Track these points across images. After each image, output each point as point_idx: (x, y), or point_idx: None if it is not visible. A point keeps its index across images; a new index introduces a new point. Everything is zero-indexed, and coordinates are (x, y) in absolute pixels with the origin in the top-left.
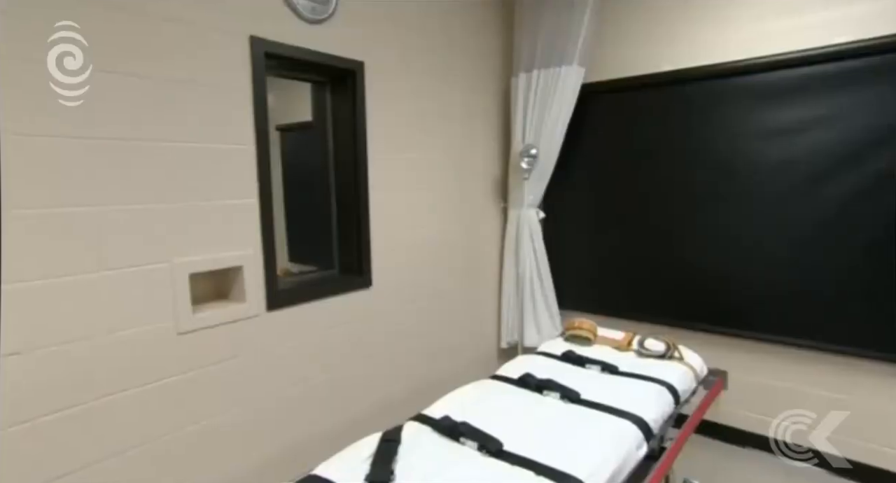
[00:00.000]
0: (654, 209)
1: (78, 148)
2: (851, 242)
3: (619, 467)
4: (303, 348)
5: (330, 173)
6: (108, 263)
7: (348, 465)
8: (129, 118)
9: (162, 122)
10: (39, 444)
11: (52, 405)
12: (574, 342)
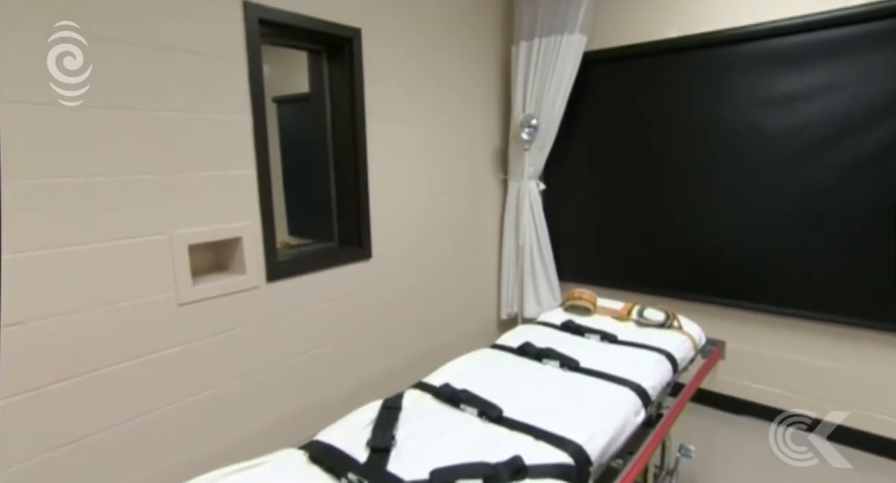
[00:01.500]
0: (654, 180)
1: (71, 115)
2: (853, 212)
3: (617, 433)
4: (303, 319)
5: (328, 145)
6: (106, 234)
7: (350, 431)
8: (122, 86)
9: (155, 91)
10: (47, 411)
11: (58, 374)
12: (574, 312)
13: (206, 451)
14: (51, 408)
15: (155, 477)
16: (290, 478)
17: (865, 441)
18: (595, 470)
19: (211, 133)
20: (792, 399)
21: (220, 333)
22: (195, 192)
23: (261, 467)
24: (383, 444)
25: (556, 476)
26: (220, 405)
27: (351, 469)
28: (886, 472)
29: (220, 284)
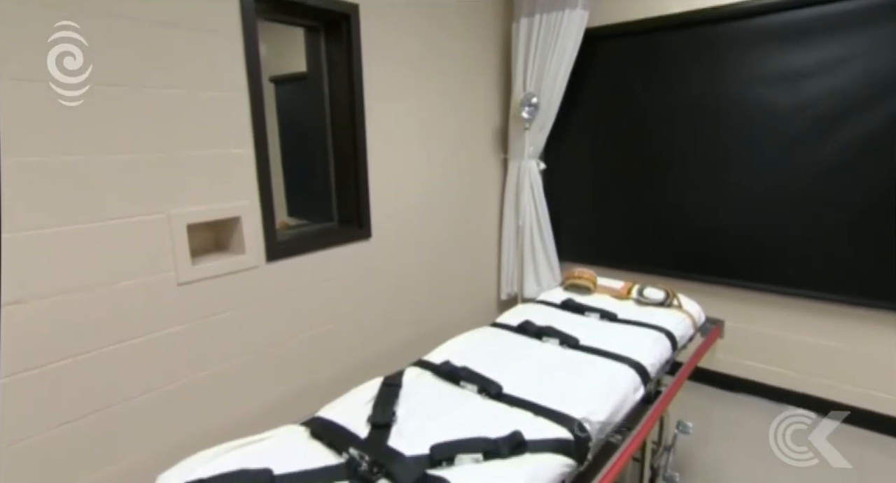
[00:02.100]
0: (656, 159)
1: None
2: (856, 190)
3: (616, 409)
4: (304, 299)
5: (326, 124)
6: (104, 214)
7: (351, 408)
8: (118, 61)
9: (150, 67)
10: (50, 389)
11: (60, 353)
12: (574, 291)
13: (209, 429)
14: (54, 386)
15: (158, 454)
16: (292, 452)
17: (863, 418)
18: (594, 445)
19: (207, 111)
20: (790, 377)
21: (220, 313)
22: (193, 171)
23: (263, 443)
24: (384, 420)
25: (556, 450)
26: (222, 384)
27: (352, 444)
28: (884, 449)
29: (220, 264)
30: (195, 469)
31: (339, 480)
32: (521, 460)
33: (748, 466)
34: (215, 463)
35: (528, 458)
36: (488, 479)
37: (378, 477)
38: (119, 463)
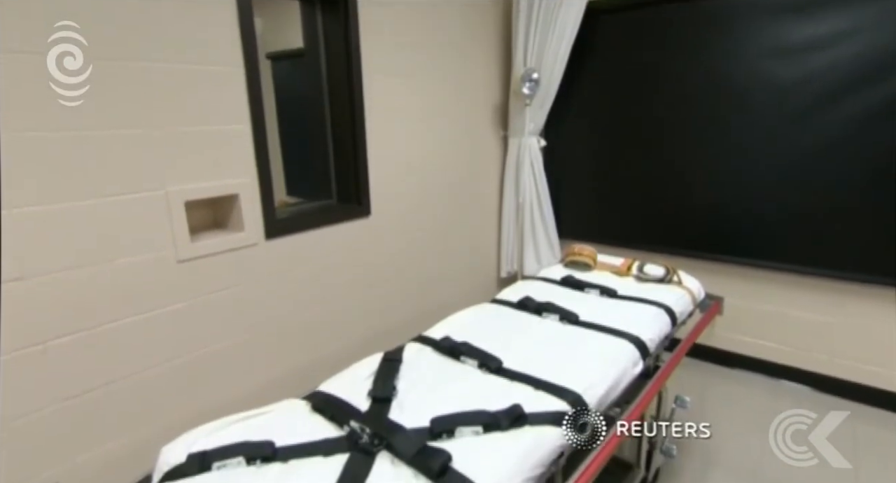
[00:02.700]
0: (657, 136)
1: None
2: (857, 166)
3: (616, 382)
4: (303, 276)
5: (324, 100)
6: (101, 190)
7: (352, 382)
8: (111, 35)
9: (144, 40)
10: (54, 365)
11: (62, 329)
12: (574, 268)
13: (212, 404)
14: (57, 362)
15: (162, 430)
16: (294, 426)
17: (857, 392)
18: None
19: (203, 86)
20: (786, 353)
21: (221, 290)
22: (190, 147)
23: (265, 416)
24: (384, 394)
25: (556, 423)
26: (225, 360)
27: (353, 417)
28: (876, 421)
29: (219, 241)
30: (198, 441)
31: (341, 452)
32: (521, 432)
33: (744, 440)
34: (218, 435)
35: (528, 431)
36: (488, 451)
37: (379, 449)
38: (124, 438)
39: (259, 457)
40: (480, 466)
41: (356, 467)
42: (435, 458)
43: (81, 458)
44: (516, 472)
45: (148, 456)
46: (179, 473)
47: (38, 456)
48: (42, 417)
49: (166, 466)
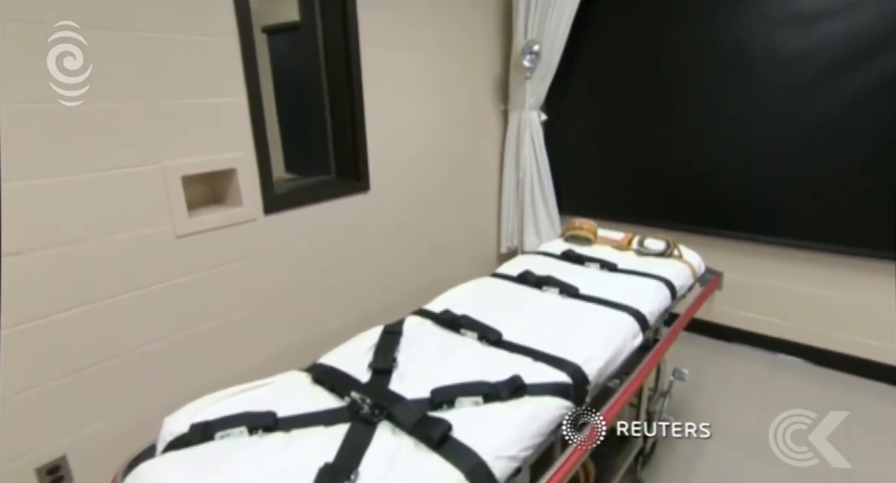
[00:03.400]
0: (658, 109)
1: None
2: (861, 140)
3: (615, 354)
4: (303, 251)
5: (321, 74)
6: (97, 164)
7: (352, 355)
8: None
9: (133, 7)
10: (56, 339)
11: (63, 304)
12: (574, 243)
13: (214, 378)
14: (59, 336)
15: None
16: (295, 397)
17: (855, 365)
18: (592, 389)
19: (197, 57)
20: (785, 327)
21: (220, 265)
22: (185, 121)
23: (266, 387)
24: (385, 366)
25: (555, 394)
26: (227, 334)
27: (353, 388)
28: (874, 394)
29: (217, 216)
30: (201, 411)
31: (342, 422)
32: (521, 403)
33: (740, 412)
34: (220, 406)
35: (528, 401)
36: (488, 420)
37: (380, 419)
38: (128, 411)
39: (261, 426)
40: (480, 435)
41: (357, 436)
42: (435, 427)
43: (88, 430)
44: (516, 441)
45: (152, 428)
46: (183, 442)
47: (46, 427)
48: (48, 390)
49: (169, 436)
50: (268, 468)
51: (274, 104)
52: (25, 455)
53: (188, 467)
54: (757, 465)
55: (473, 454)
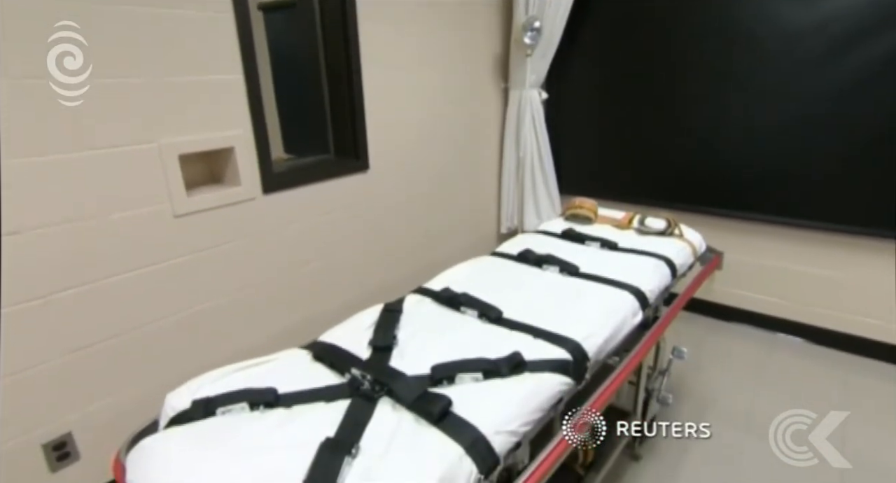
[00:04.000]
0: (661, 87)
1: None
2: (867, 117)
3: (615, 332)
4: (303, 231)
5: (319, 52)
6: (92, 142)
7: (352, 332)
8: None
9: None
10: (56, 319)
11: (62, 284)
12: (574, 221)
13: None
14: (60, 315)
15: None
16: (296, 373)
17: (854, 344)
18: (592, 366)
19: (190, 32)
20: (784, 306)
21: (220, 245)
22: (181, 98)
23: (267, 365)
24: (385, 343)
25: (555, 370)
26: (225, 315)
27: (354, 365)
28: (873, 373)
29: (216, 196)
30: (202, 388)
31: (342, 398)
32: (521, 379)
33: (737, 390)
34: (221, 382)
35: (528, 377)
36: (488, 396)
37: (380, 395)
38: (131, 389)
39: (262, 402)
40: (480, 411)
41: (358, 412)
42: (435, 403)
43: (92, 407)
44: (516, 416)
45: (155, 406)
46: (185, 418)
47: (51, 405)
48: (51, 368)
49: (172, 412)
50: (269, 443)
51: (271, 83)
52: (32, 432)
53: (190, 442)
54: (753, 443)
55: (473, 429)
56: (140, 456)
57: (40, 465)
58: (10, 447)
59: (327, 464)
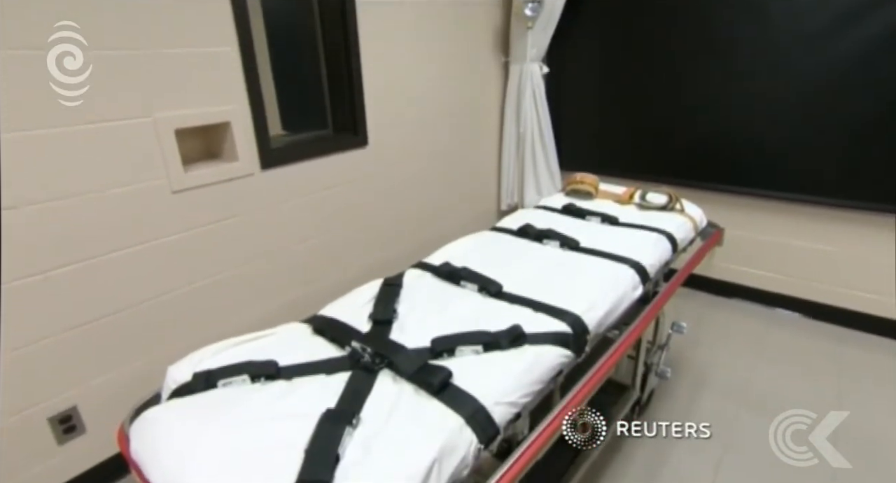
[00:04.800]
0: (663, 61)
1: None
2: (859, 94)
3: (615, 305)
4: (302, 207)
5: (315, 23)
6: (87, 116)
7: (352, 306)
8: None
9: None
10: (57, 295)
11: (61, 259)
12: (575, 197)
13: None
14: (60, 291)
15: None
16: (296, 347)
17: (850, 318)
18: (592, 339)
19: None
20: (783, 282)
21: (219, 221)
22: (175, 71)
23: (267, 338)
24: (385, 317)
25: (555, 343)
26: (225, 291)
27: (354, 338)
28: (869, 346)
29: (213, 171)
30: (203, 361)
31: (343, 371)
32: (521, 351)
33: (734, 364)
34: (222, 355)
35: (528, 350)
36: (488, 368)
37: (381, 367)
38: (132, 365)
39: (263, 375)
40: (480, 382)
41: (358, 383)
42: (436, 374)
43: (96, 382)
44: (516, 388)
45: (157, 380)
46: (186, 390)
47: (55, 379)
48: (54, 343)
49: (173, 384)
50: (270, 413)
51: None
52: (38, 405)
53: (192, 412)
54: (749, 416)
55: (473, 400)
56: (143, 426)
57: (48, 438)
58: (17, 420)
59: (328, 434)
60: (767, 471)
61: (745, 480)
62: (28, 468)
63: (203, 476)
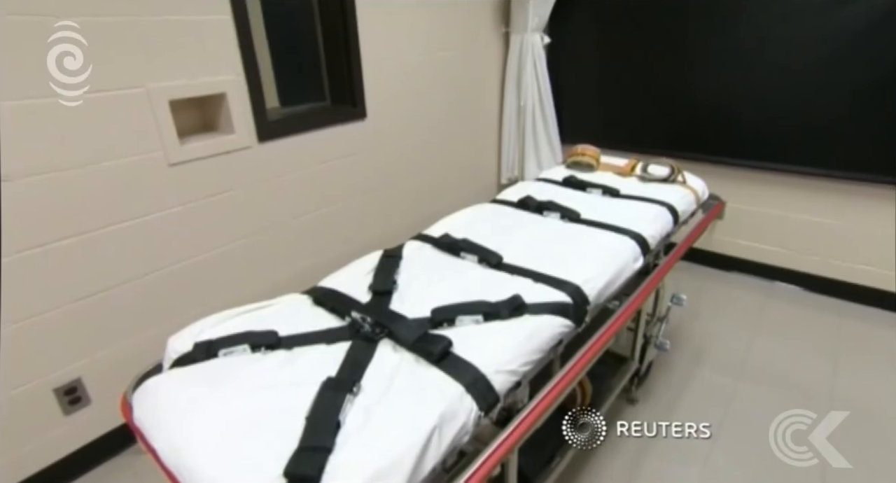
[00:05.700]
0: (665, 33)
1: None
2: (861, 67)
3: (615, 276)
4: (301, 180)
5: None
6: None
7: (352, 277)
8: None
9: None
10: (57, 267)
11: (59, 233)
12: (576, 169)
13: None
14: (60, 264)
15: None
16: (297, 317)
17: (849, 291)
18: (592, 309)
19: None
20: (783, 255)
21: (217, 194)
22: (167, 40)
23: (267, 309)
24: (385, 288)
25: (555, 313)
26: (227, 264)
27: (354, 308)
28: (868, 318)
29: (210, 144)
30: (204, 331)
31: (343, 340)
32: (521, 321)
33: (733, 336)
34: (223, 326)
35: (528, 319)
36: (488, 337)
37: (381, 337)
38: (134, 337)
39: (263, 345)
40: (481, 351)
41: (359, 353)
42: (436, 344)
43: (99, 354)
44: (516, 356)
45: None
46: (188, 360)
47: (59, 352)
48: (57, 316)
49: (174, 354)
50: (271, 381)
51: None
52: (43, 377)
53: (193, 381)
54: (746, 388)
55: (474, 368)
56: (145, 395)
57: (54, 409)
58: (22, 392)
59: (329, 401)
60: (763, 466)
61: (742, 479)
62: (35, 438)
63: (205, 441)
